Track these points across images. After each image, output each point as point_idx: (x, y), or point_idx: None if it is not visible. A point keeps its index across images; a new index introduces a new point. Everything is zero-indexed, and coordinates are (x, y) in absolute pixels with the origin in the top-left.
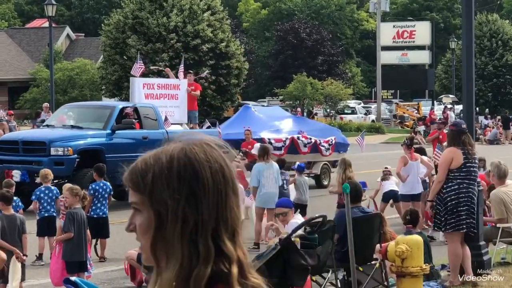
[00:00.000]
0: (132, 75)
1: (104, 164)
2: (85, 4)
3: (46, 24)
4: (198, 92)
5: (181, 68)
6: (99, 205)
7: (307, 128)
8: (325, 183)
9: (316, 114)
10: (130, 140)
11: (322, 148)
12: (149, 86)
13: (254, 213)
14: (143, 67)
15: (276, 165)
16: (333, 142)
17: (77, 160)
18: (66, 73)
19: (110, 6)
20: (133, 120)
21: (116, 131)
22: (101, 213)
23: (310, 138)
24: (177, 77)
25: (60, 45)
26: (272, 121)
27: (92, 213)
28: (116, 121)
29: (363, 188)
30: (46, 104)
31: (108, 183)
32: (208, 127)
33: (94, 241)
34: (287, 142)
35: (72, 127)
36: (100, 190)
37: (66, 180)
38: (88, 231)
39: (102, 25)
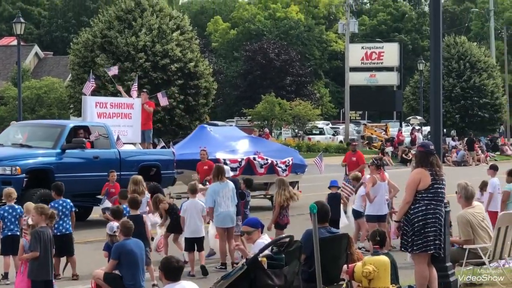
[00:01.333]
0: (83, 93)
1: (62, 183)
2: (54, 22)
3: (15, 42)
4: (151, 108)
5: (134, 86)
6: (61, 222)
7: (264, 148)
8: None
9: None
10: (81, 160)
11: (279, 169)
12: (102, 105)
13: (210, 235)
14: (95, 85)
15: (232, 184)
16: (290, 163)
17: (25, 179)
18: (34, 91)
19: (79, 25)
20: (84, 139)
21: (66, 151)
22: (63, 230)
23: (267, 159)
24: (130, 95)
25: (29, 63)
26: (228, 141)
27: (55, 231)
28: (67, 140)
29: (336, 185)
30: (13, 123)
31: (68, 200)
32: (163, 147)
33: (62, 260)
34: (243, 162)
35: (22, 146)
36: (60, 207)
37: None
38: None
39: (71, 43)
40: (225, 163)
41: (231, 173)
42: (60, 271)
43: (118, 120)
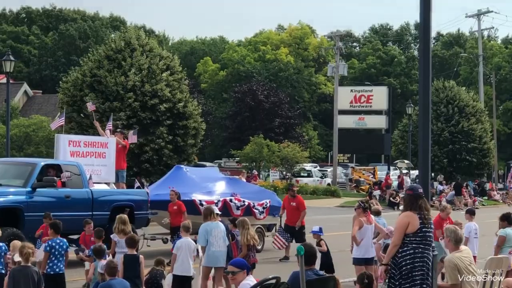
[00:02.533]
0: (52, 130)
1: (60, 221)
2: (44, 61)
3: (4, 80)
4: (124, 143)
5: (109, 125)
6: (55, 261)
7: (241, 190)
8: (259, 247)
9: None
10: (52, 199)
11: (256, 211)
12: (75, 144)
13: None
14: (63, 122)
15: (222, 225)
16: (268, 205)
17: None
18: (23, 129)
19: (69, 63)
20: (55, 178)
21: (37, 189)
22: (57, 270)
23: (244, 201)
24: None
25: (18, 101)
26: (205, 182)
27: (48, 270)
28: (38, 179)
29: (319, 233)
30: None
31: (65, 240)
32: (138, 187)
33: None
34: (219, 204)
35: None
36: (57, 246)
37: None
38: None
39: (60, 82)
40: (201, 204)
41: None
42: None
43: (92, 159)
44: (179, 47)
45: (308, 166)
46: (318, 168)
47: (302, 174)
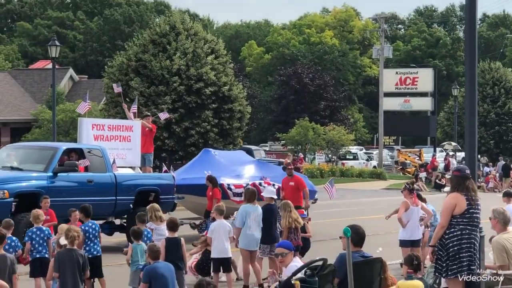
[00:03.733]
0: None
1: (90, 205)
2: (89, 46)
3: (50, 66)
4: (151, 126)
5: (134, 108)
6: (91, 244)
7: (270, 174)
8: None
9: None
10: (73, 184)
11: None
12: (99, 127)
13: None
14: (89, 106)
15: (260, 209)
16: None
17: (14, 203)
18: (69, 114)
19: (114, 48)
20: (76, 162)
21: (58, 174)
22: (95, 252)
23: (274, 185)
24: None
25: (63, 86)
26: (233, 166)
27: (85, 253)
28: (60, 163)
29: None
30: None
31: (96, 222)
32: (165, 172)
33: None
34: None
35: (12, 168)
36: (90, 230)
37: None
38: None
39: (105, 67)
40: (229, 188)
41: (237, 199)
42: None
43: (116, 143)
44: (224, 31)
45: (353, 148)
46: (364, 150)
47: (347, 157)
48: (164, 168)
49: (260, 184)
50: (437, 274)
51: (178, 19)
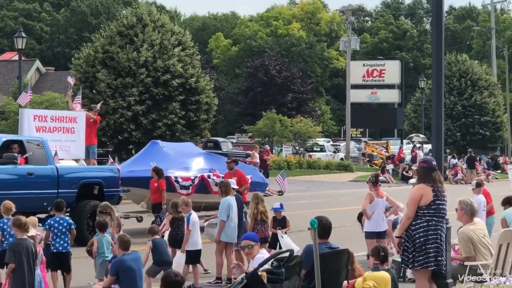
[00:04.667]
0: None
1: (63, 200)
2: (56, 38)
3: (16, 57)
4: (96, 118)
5: (78, 99)
6: (57, 240)
7: (220, 166)
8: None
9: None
10: (13, 177)
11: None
12: (41, 118)
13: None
14: (30, 97)
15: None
16: (249, 181)
17: None
18: (35, 106)
19: (81, 40)
20: (15, 154)
21: None
22: (60, 248)
23: (223, 177)
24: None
25: (30, 78)
26: (181, 158)
27: (52, 248)
28: None
29: (281, 210)
30: None
31: (67, 218)
32: (111, 164)
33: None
34: (196, 180)
35: None
36: (56, 225)
37: None
38: (42, 263)
39: (72, 59)
40: (177, 181)
41: (184, 192)
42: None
43: (60, 135)
44: (191, 23)
45: (321, 141)
46: (331, 142)
47: (315, 149)
48: (110, 160)
49: (209, 176)
50: (403, 265)
51: (145, 11)
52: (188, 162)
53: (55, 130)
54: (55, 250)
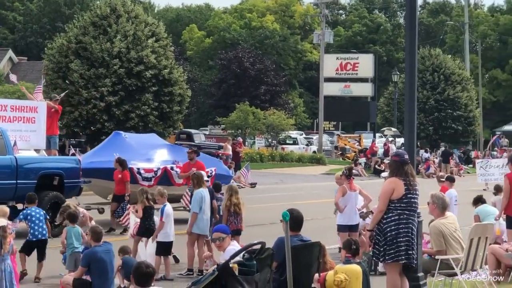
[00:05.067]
0: None
1: (35, 194)
2: (29, 28)
3: None
4: (57, 108)
5: (38, 88)
6: (36, 227)
7: (183, 158)
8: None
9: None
10: None
11: None
12: (1, 108)
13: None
14: (40, 90)
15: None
16: (213, 173)
17: None
18: (8, 96)
19: (54, 30)
20: None
21: None
22: (40, 236)
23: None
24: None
25: (2, 68)
26: (144, 149)
27: (31, 236)
28: None
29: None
30: None
31: (41, 209)
32: (73, 154)
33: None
34: (159, 172)
35: None
36: (33, 213)
37: None
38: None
39: (45, 49)
40: (139, 173)
41: (146, 183)
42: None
43: (20, 125)
44: (165, 14)
45: (293, 133)
46: (304, 135)
47: (287, 141)
48: (72, 150)
49: (172, 168)
50: (374, 258)
51: (119, 2)
52: (151, 153)
53: (15, 120)
54: (34, 239)
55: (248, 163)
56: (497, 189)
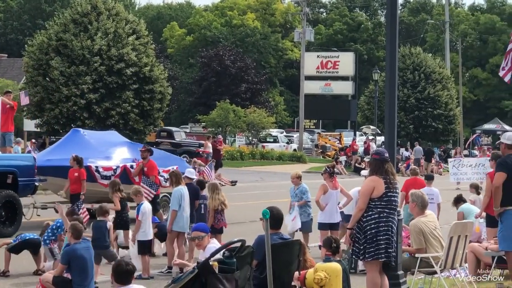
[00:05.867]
0: None
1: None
2: (9, 25)
3: None
4: (13, 104)
5: None
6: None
7: None
8: (165, 217)
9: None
10: None
11: (161, 178)
12: None
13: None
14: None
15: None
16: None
17: None
18: None
19: (34, 27)
20: None
21: None
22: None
23: (134, 166)
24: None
25: None
26: (103, 147)
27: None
28: None
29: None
30: None
31: None
32: (28, 152)
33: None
34: (118, 170)
35: None
36: None
37: None
38: None
39: (26, 46)
40: (97, 171)
41: (105, 182)
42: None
43: None
44: (146, 11)
45: (274, 131)
46: (284, 133)
47: (268, 139)
48: (28, 148)
49: (131, 166)
50: (354, 257)
51: None
52: (111, 151)
53: None
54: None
55: (211, 162)
56: (476, 188)
